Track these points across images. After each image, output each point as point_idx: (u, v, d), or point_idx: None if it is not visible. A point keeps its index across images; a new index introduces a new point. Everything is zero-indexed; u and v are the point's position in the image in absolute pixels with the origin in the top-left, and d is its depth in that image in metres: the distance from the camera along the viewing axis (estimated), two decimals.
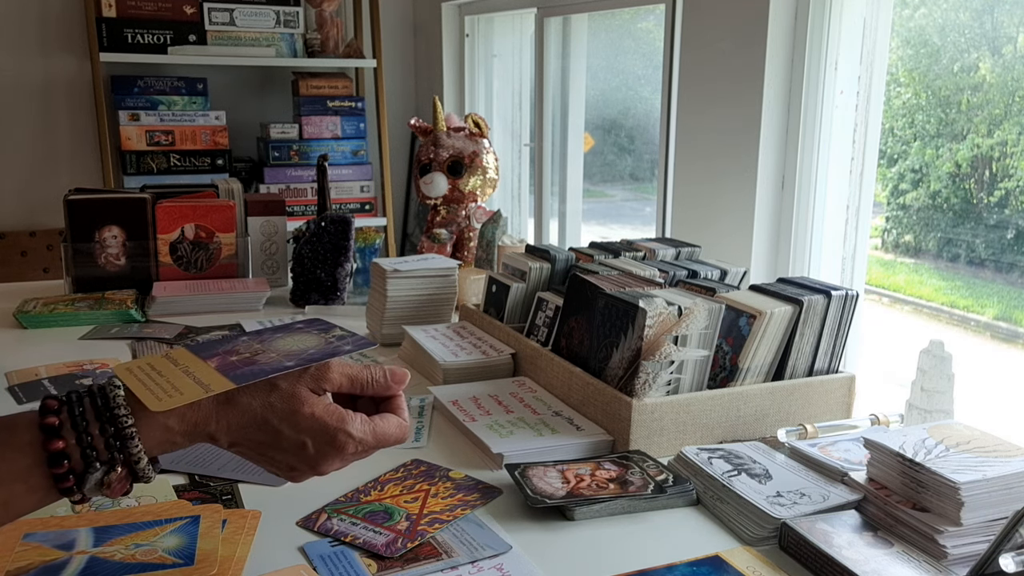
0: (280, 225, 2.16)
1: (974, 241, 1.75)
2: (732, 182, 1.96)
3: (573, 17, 2.87)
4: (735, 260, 1.90)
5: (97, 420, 0.75)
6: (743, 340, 1.25)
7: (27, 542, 0.94)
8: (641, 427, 1.19)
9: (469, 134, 2.31)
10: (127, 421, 0.75)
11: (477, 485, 1.11)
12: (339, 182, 3.43)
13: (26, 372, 1.52)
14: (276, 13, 3.31)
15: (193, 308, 1.92)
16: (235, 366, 0.81)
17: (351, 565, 0.93)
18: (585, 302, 1.36)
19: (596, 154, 3.08)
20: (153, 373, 0.81)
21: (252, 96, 3.59)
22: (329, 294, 1.97)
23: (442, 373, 1.46)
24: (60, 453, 0.73)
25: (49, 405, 0.75)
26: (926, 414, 1.19)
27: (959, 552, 0.91)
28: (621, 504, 1.04)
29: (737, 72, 1.92)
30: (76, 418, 0.75)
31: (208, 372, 0.80)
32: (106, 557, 0.91)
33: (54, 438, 0.73)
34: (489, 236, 2.01)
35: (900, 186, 1.93)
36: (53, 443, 0.73)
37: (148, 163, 3.23)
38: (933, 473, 0.93)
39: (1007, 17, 1.68)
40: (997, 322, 1.78)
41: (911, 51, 1.89)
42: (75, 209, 1.98)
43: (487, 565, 0.94)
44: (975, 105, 1.74)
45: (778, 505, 1.01)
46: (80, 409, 0.75)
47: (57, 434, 0.73)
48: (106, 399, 0.76)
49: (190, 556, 0.90)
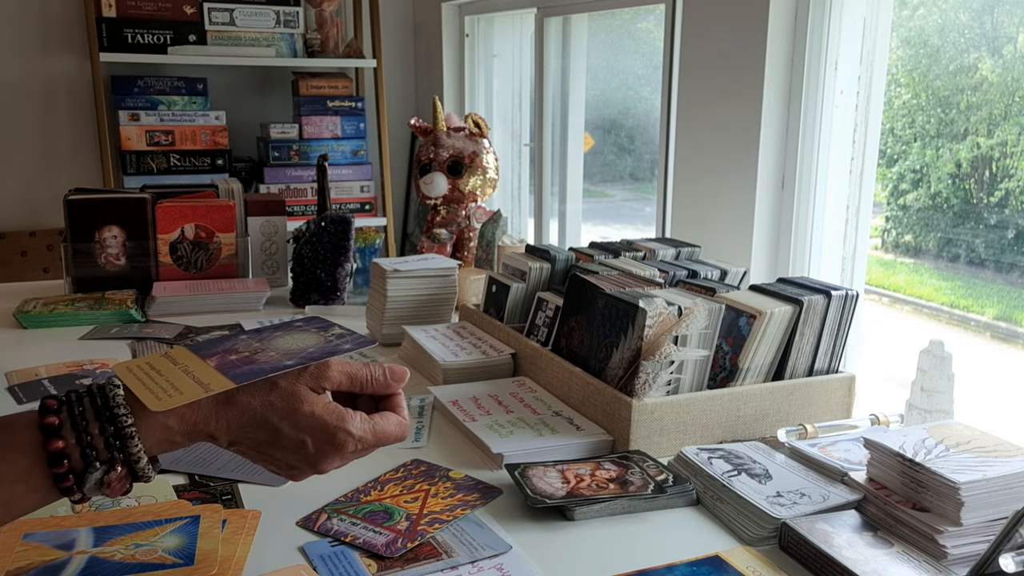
0: (280, 225, 2.16)
1: (974, 241, 1.75)
2: (732, 182, 1.96)
3: (573, 17, 2.87)
4: (735, 260, 1.90)
5: (97, 420, 0.75)
6: (743, 340, 1.26)
7: (27, 542, 0.94)
8: (641, 427, 1.19)
9: (469, 134, 2.31)
10: (127, 420, 0.75)
11: (477, 485, 1.11)
12: (339, 182, 3.43)
13: (26, 372, 1.52)
14: (276, 13, 3.31)
15: (193, 308, 1.92)
16: (234, 365, 0.81)
17: (351, 565, 0.93)
18: (585, 302, 1.36)
19: (596, 154, 3.08)
20: (153, 372, 0.81)
21: (252, 96, 3.59)
22: (329, 294, 1.97)
23: (442, 373, 1.46)
24: (60, 453, 0.73)
25: (49, 405, 0.75)
26: (926, 414, 1.19)
27: (959, 552, 0.91)
28: (621, 504, 1.04)
29: (737, 72, 1.92)
30: (76, 418, 0.75)
31: (208, 371, 0.80)
32: (106, 557, 0.91)
33: (54, 438, 0.73)
34: (489, 236, 2.01)
35: (900, 186, 1.93)
36: (53, 443, 0.73)
37: (148, 163, 3.23)
38: (933, 473, 0.93)
39: (1007, 17, 1.68)
40: (997, 322, 1.78)
41: (910, 51, 1.89)
42: (75, 209, 1.98)
43: (487, 565, 0.94)
44: (975, 105, 1.74)
45: (778, 505, 1.01)
46: (80, 409, 0.75)
47: (57, 434, 0.73)
48: (105, 398, 0.76)
49: (190, 556, 0.90)
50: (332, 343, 0.86)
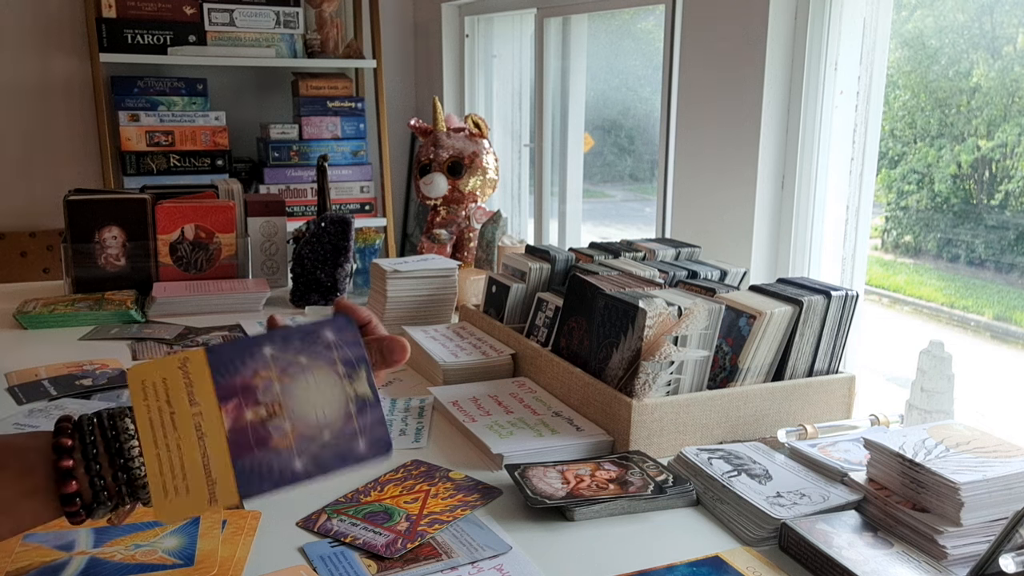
0: (280, 225, 2.16)
1: (974, 242, 1.75)
2: (732, 182, 1.96)
3: (573, 17, 2.87)
4: (735, 260, 1.90)
5: (111, 467, 0.72)
6: (743, 340, 1.25)
7: (27, 543, 0.94)
8: (641, 427, 1.19)
9: (469, 134, 2.31)
10: (139, 472, 0.72)
11: (477, 485, 1.11)
12: (339, 182, 3.43)
13: (26, 372, 1.52)
14: (276, 13, 3.31)
15: (193, 308, 1.92)
16: (245, 442, 0.73)
17: (351, 566, 0.93)
18: (585, 302, 1.36)
19: (596, 154, 3.08)
20: (165, 411, 0.73)
21: (252, 96, 3.59)
22: (329, 294, 1.97)
23: (442, 373, 1.46)
24: (73, 493, 0.72)
25: (62, 443, 0.72)
26: (926, 414, 1.19)
27: (959, 552, 0.91)
28: (621, 504, 1.04)
29: (737, 72, 1.92)
30: (89, 462, 0.72)
31: (218, 443, 0.73)
32: (106, 558, 0.91)
33: (67, 479, 0.71)
34: (489, 236, 2.01)
35: (902, 187, 1.93)
36: (66, 484, 0.71)
37: (148, 164, 3.22)
38: (933, 473, 0.93)
39: (1006, 18, 1.68)
40: (997, 322, 1.78)
41: (908, 53, 1.89)
42: (75, 209, 1.98)
43: (487, 566, 0.94)
44: (974, 107, 1.74)
45: (778, 505, 1.01)
46: (94, 451, 0.72)
47: (70, 475, 0.72)
48: (117, 434, 0.73)
49: (190, 557, 0.90)
50: (349, 431, 0.75)
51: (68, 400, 1.39)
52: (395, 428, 1.30)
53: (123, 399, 1.40)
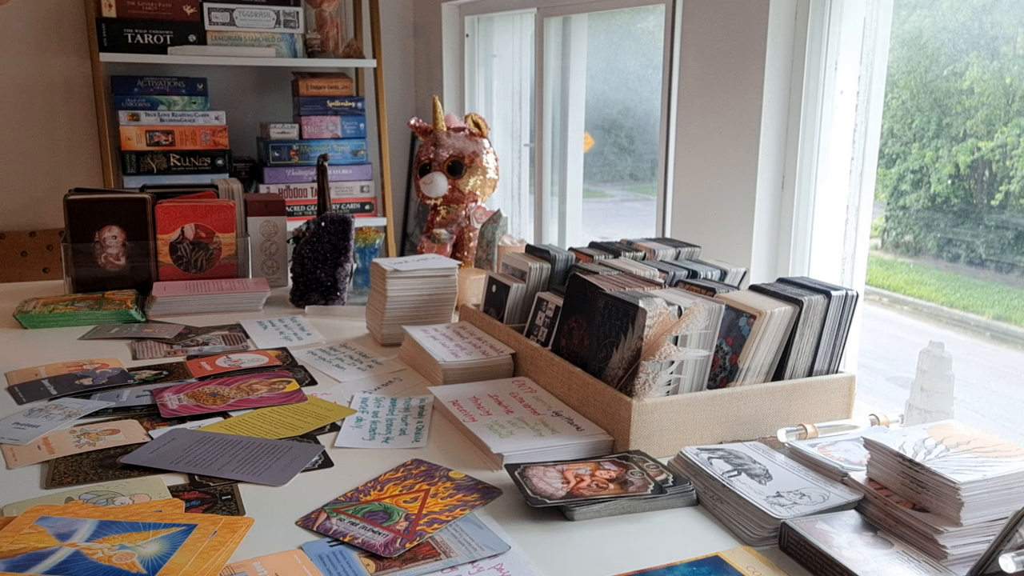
0: (280, 225, 2.16)
1: (974, 241, 1.75)
2: (732, 182, 1.96)
3: (573, 17, 2.87)
4: (735, 260, 1.90)
5: None
6: (743, 340, 1.25)
7: (37, 526, 0.95)
8: (641, 427, 1.19)
9: (469, 134, 2.31)
10: None
11: (477, 485, 1.11)
12: (339, 182, 3.43)
13: (26, 372, 1.52)
14: (276, 13, 3.31)
15: (193, 308, 1.92)
16: None
17: (350, 565, 0.93)
18: (585, 302, 1.36)
19: (596, 154, 3.08)
20: None
21: (252, 96, 3.59)
22: (329, 294, 1.97)
23: (442, 373, 1.46)
24: None
25: None
26: (926, 414, 1.19)
27: (959, 552, 0.91)
28: (621, 504, 1.04)
29: (737, 72, 1.92)
30: None
31: None
32: (89, 554, 0.91)
33: None
34: (489, 236, 2.01)
35: (900, 187, 1.93)
36: None
37: (148, 163, 3.22)
38: (933, 473, 0.93)
39: (1005, 18, 1.68)
40: (997, 322, 1.78)
41: (907, 53, 1.89)
42: (75, 209, 1.98)
43: (487, 565, 0.94)
44: (973, 107, 1.74)
45: (778, 505, 1.01)
46: None
47: None
48: None
49: (155, 568, 0.89)
50: None
51: (68, 400, 1.39)
52: (395, 428, 1.30)
53: (123, 399, 1.40)
